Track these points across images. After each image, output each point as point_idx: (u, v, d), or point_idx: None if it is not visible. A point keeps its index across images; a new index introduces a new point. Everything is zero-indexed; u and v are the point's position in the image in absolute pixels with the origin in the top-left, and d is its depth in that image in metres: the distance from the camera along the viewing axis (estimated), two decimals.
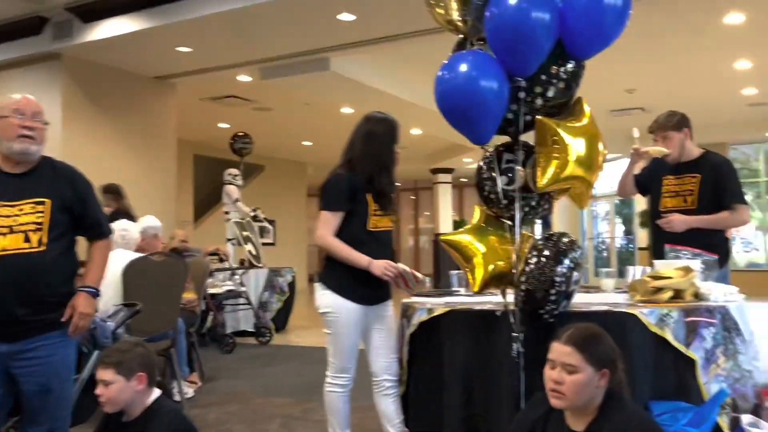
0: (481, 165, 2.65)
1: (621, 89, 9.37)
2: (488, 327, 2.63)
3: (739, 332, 2.61)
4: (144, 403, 2.29)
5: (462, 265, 2.63)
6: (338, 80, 7.94)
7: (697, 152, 3.64)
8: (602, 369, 1.89)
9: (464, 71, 2.40)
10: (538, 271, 2.33)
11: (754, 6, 6.37)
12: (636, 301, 2.67)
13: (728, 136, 12.27)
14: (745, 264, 14.09)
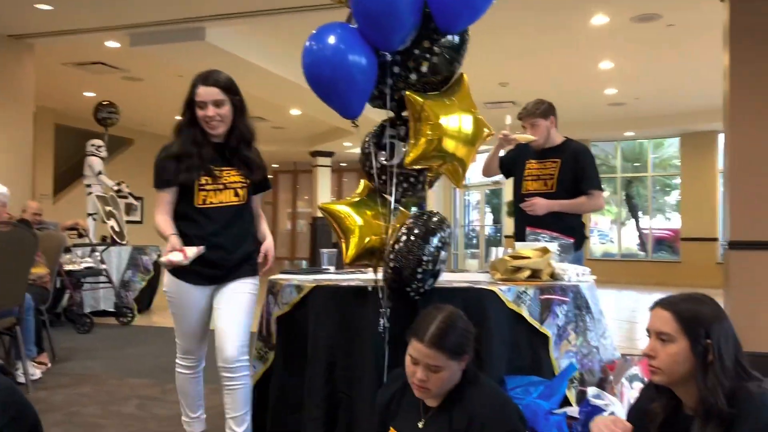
0: (366, 139, 2.62)
1: (495, 82, 9.70)
2: (355, 303, 2.61)
3: (589, 310, 2.76)
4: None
5: (338, 236, 2.59)
6: (214, 52, 7.64)
7: (559, 139, 3.81)
8: (462, 357, 1.93)
9: (329, 43, 2.35)
10: (407, 248, 2.34)
11: (617, 9, 6.77)
12: (496, 280, 2.75)
13: (590, 133, 13.04)
14: (601, 254, 15.13)
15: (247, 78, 8.94)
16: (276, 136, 14.91)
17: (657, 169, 15.20)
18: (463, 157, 2.45)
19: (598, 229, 16.22)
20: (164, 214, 2.72)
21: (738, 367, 1.59)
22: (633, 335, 7.03)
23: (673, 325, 1.62)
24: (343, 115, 2.46)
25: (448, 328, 1.93)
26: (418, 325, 1.96)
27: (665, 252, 15.07)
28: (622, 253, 14.92)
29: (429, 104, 2.39)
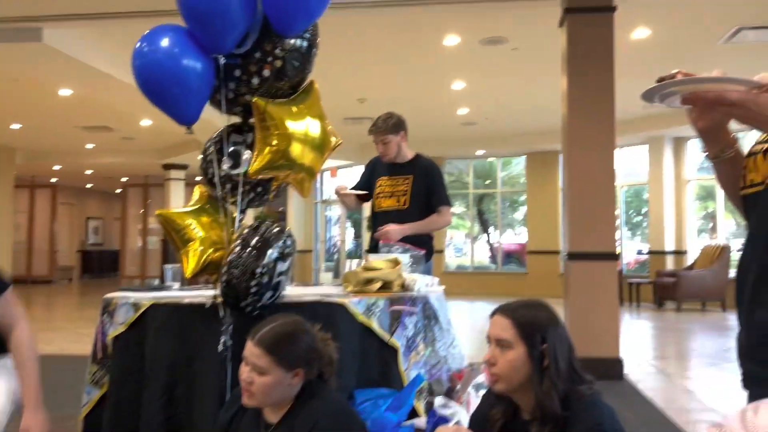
0: (208, 145, 2.49)
1: (353, 98, 9.80)
2: (196, 321, 2.48)
3: (438, 321, 2.79)
4: None
5: (177, 248, 2.44)
6: (53, 55, 7.08)
7: (410, 154, 3.87)
8: (295, 369, 1.84)
9: (160, 46, 2.25)
10: (240, 261, 2.23)
11: (468, 30, 7.06)
12: (348, 292, 2.72)
13: (444, 151, 13.52)
14: (455, 267, 15.67)
15: (92, 85, 8.43)
16: (125, 147, 14.15)
17: (506, 186, 16.04)
18: (310, 167, 2.41)
19: (453, 244, 16.82)
20: None
21: (572, 371, 1.65)
22: (485, 345, 7.28)
23: (511, 332, 1.65)
24: (178, 122, 2.34)
25: (283, 333, 1.85)
26: (256, 326, 1.88)
27: (514, 264, 15.90)
28: (474, 265, 15.55)
29: (275, 111, 2.32)
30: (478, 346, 7.13)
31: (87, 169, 17.29)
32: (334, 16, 6.12)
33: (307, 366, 1.87)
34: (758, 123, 1.10)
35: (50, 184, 19.39)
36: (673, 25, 6.85)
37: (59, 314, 10.88)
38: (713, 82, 1.08)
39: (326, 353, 1.95)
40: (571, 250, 5.41)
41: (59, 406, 2.85)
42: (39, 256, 18.99)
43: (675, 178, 12.02)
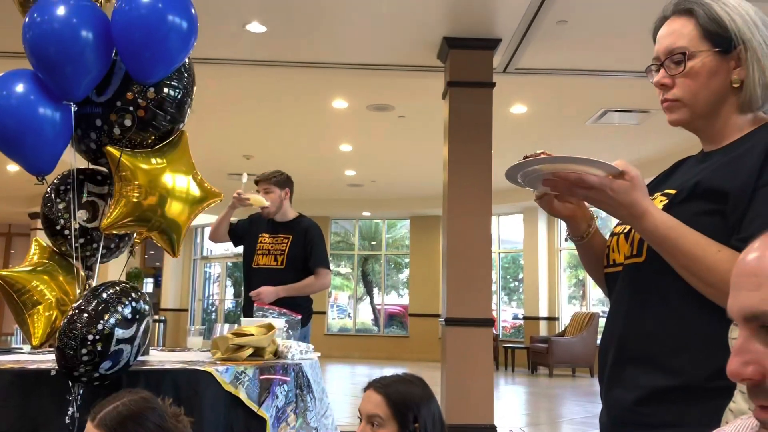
0: (49, 192, 2.31)
1: (239, 154, 9.66)
2: (41, 390, 2.23)
3: (311, 389, 2.69)
4: None
5: (20, 311, 2.20)
6: None
7: (292, 214, 3.82)
8: None
9: (13, 91, 2.12)
10: (69, 326, 2.02)
11: (355, 96, 7.19)
12: (216, 359, 2.57)
13: (331, 211, 13.56)
14: (338, 329, 15.51)
15: None
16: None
17: (390, 248, 16.23)
18: (174, 221, 2.27)
19: (336, 304, 16.69)
20: None
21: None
22: None
23: (384, 409, 1.61)
24: (31, 171, 2.17)
25: (126, 414, 1.69)
26: (98, 405, 1.70)
27: (396, 327, 15.95)
28: (357, 328, 15.46)
29: (132, 161, 2.19)
30: (356, 413, 6.98)
31: None
32: (223, 70, 6.09)
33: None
34: (612, 209, 1.13)
35: None
36: (547, 104, 7.31)
37: None
38: (574, 162, 1.11)
39: (178, 430, 1.80)
40: (449, 316, 5.48)
41: None
42: None
43: (548, 246, 12.63)
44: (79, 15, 2.11)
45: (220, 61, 5.96)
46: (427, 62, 5.98)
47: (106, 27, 2.16)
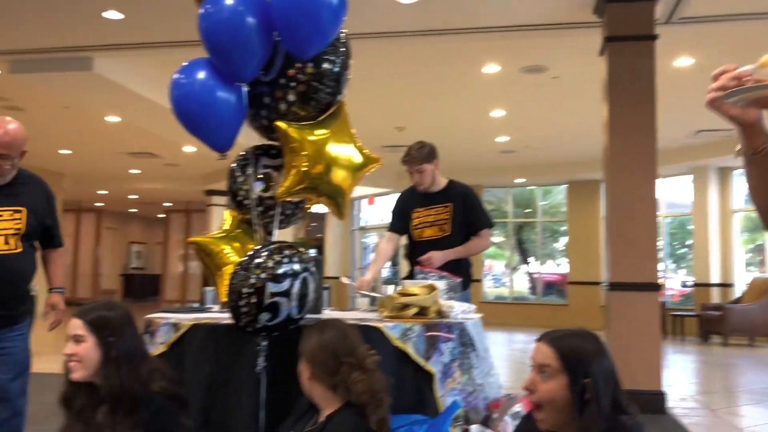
0: (234, 167, 2.54)
1: (392, 126, 9.86)
2: (233, 342, 2.49)
3: (475, 348, 2.75)
4: None
5: (212, 272, 2.47)
6: (102, 83, 7.33)
7: (444, 181, 3.86)
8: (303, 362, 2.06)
9: (196, 78, 2.36)
10: (231, 282, 2.26)
11: (507, 59, 7.07)
12: (383, 317, 2.70)
13: (483, 180, 13.47)
14: (494, 297, 15.49)
15: (138, 112, 8.66)
16: (169, 173, 14.45)
17: (546, 215, 15.86)
18: (340, 187, 2.42)
19: (491, 273, 16.66)
20: None
21: (615, 404, 1.60)
22: (522, 375, 7.16)
23: (554, 361, 1.62)
24: (213, 149, 2.41)
25: (317, 334, 2.06)
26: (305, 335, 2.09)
27: (554, 295, 15.64)
28: (513, 296, 15.35)
29: (298, 133, 2.35)
30: (516, 377, 7.01)
31: (131, 194, 17.71)
32: (374, 43, 6.24)
33: (315, 367, 2.04)
34: None
35: (95, 209, 19.90)
36: (717, 54, 6.75)
37: None
38: None
39: (356, 382, 2.01)
40: (613, 281, 5.31)
41: None
42: (83, 279, 19.42)
43: (720, 209, 11.74)
44: (245, 3, 2.29)
45: (373, 35, 6.11)
46: (583, 18, 5.75)
47: (268, 12, 2.33)
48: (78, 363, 2.02)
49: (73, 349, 2.02)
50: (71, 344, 2.03)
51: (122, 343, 2.02)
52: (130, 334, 2.07)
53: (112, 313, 2.08)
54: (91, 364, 2.01)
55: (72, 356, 2.02)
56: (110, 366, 1.99)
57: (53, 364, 6.99)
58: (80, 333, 2.02)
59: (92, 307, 2.11)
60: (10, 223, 2.85)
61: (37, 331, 3.26)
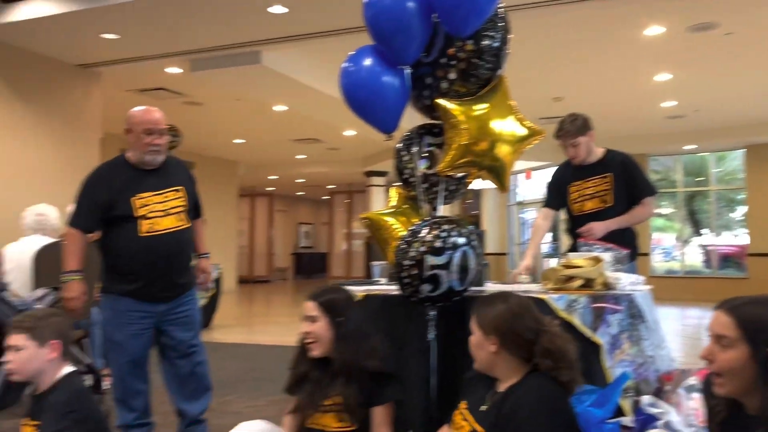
0: (399, 147, 2.68)
1: (549, 97, 9.64)
2: (403, 312, 2.64)
3: (644, 320, 2.70)
4: (53, 376, 2.20)
5: (382, 246, 2.64)
6: (270, 75, 7.86)
7: (600, 152, 3.76)
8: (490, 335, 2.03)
9: (362, 65, 2.50)
10: (395, 254, 2.40)
11: (672, 19, 6.66)
12: (548, 289, 2.73)
13: (648, 148, 12.78)
14: (664, 271, 14.69)
15: (302, 100, 9.17)
16: (331, 157, 15.14)
17: (720, 183, 14.72)
18: (501, 160, 2.48)
19: (660, 247, 15.78)
20: None
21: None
22: (695, 351, 6.80)
23: (732, 330, 1.55)
24: (380, 131, 2.57)
25: (493, 306, 2.06)
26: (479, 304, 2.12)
27: (731, 268, 14.52)
28: (685, 270, 14.47)
29: (457, 109, 2.44)
30: (688, 352, 6.65)
31: (298, 179, 18.77)
32: (529, 14, 6.14)
33: (504, 339, 2.02)
34: None
35: (267, 193, 21.31)
36: None
37: (277, 310, 11.93)
38: None
39: (544, 344, 2.03)
40: None
41: (279, 390, 3.20)
42: (259, 258, 20.95)
43: None
44: None
45: (529, 5, 6.02)
46: None
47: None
48: (315, 343, 2.27)
49: (308, 327, 2.27)
50: (306, 324, 2.28)
51: (349, 322, 2.27)
52: (354, 313, 2.32)
53: (339, 295, 2.34)
54: (325, 341, 2.27)
55: (308, 334, 2.27)
56: (342, 343, 2.24)
57: (235, 335, 7.70)
58: (314, 314, 2.27)
59: (323, 290, 2.36)
60: (177, 201, 3.17)
61: (223, 307, 3.71)
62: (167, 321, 3.16)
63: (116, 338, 3.10)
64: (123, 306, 3.06)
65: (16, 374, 2.17)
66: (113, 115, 10.13)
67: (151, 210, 3.06)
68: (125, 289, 3.05)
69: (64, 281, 3.00)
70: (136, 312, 3.09)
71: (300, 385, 2.36)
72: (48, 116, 7.36)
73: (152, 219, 3.06)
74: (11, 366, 2.15)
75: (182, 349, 3.23)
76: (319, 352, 2.29)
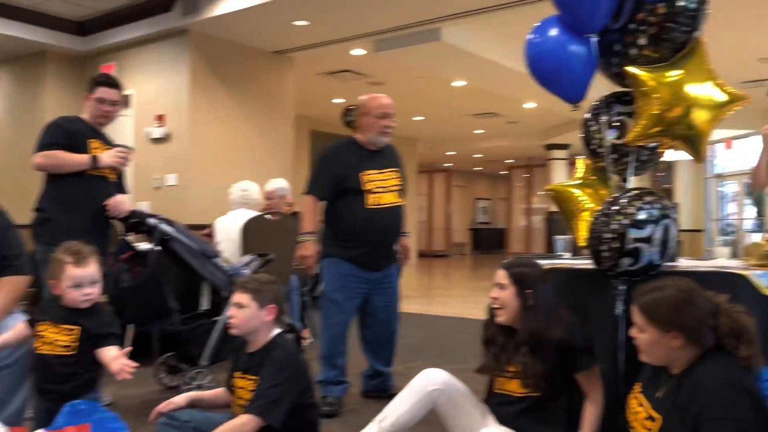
0: (587, 117, 2.63)
1: (753, 58, 8.75)
2: (589, 285, 2.62)
3: None
4: (266, 337, 2.46)
5: (567, 218, 2.63)
6: (450, 51, 7.93)
7: None
8: (671, 331, 1.86)
9: (547, 36, 2.50)
10: (592, 227, 2.36)
11: None
12: (749, 265, 2.56)
13: None
14: None
15: (482, 74, 9.16)
16: (510, 131, 14.95)
17: None
18: (698, 129, 2.34)
19: None
20: None
21: None
22: None
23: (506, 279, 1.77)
24: (567, 101, 2.54)
25: (662, 298, 1.90)
26: (643, 288, 1.99)
27: None
28: None
29: (648, 76, 2.33)
30: None
31: (476, 154, 18.76)
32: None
33: (690, 331, 1.86)
34: None
35: (445, 169, 21.55)
36: None
37: (456, 283, 12.13)
38: None
39: (725, 324, 1.89)
40: None
41: (463, 359, 3.33)
42: (437, 234, 21.32)
43: None
44: None
45: None
46: None
47: None
48: (501, 309, 2.37)
49: (496, 293, 2.37)
50: (496, 290, 2.38)
51: (538, 295, 2.33)
52: (544, 289, 2.37)
53: (531, 269, 2.40)
54: (511, 310, 2.35)
55: (495, 300, 2.38)
56: (528, 314, 2.32)
57: (415, 306, 7.96)
58: (503, 282, 2.37)
59: (516, 262, 2.46)
60: (395, 180, 3.54)
61: (403, 279, 3.93)
62: (376, 289, 3.54)
63: (337, 298, 3.48)
64: (345, 270, 3.45)
65: (236, 329, 2.45)
66: (303, 97, 10.83)
67: (376, 186, 3.44)
68: (349, 255, 3.44)
69: (301, 241, 3.45)
70: (355, 277, 3.47)
71: (488, 346, 2.47)
72: (247, 101, 8.03)
73: (377, 194, 3.44)
74: (233, 321, 2.43)
75: (383, 317, 3.58)
76: (503, 319, 2.38)
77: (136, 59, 7.72)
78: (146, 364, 4.18)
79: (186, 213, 6.70)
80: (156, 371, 3.94)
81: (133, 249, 3.58)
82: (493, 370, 2.43)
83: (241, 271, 3.75)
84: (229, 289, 3.47)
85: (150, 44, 7.63)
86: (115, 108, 3.62)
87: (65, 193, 3.44)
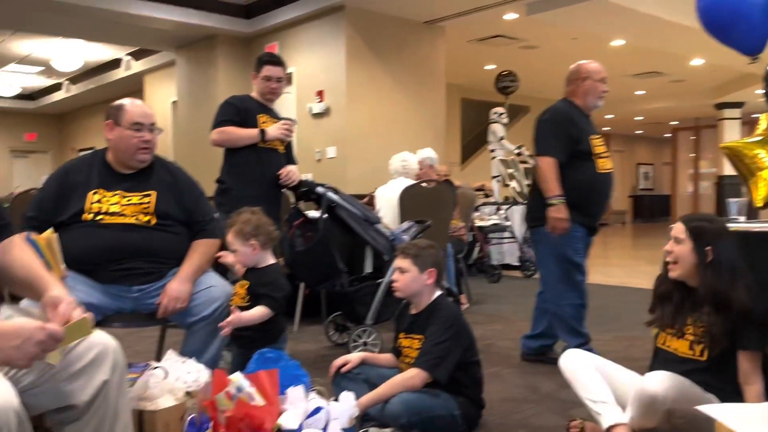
0: None
1: None
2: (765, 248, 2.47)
3: None
4: (429, 299, 2.59)
5: (745, 177, 2.49)
6: (608, 9, 7.57)
7: None
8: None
9: None
10: None
11: None
12: None
13: None
14: None
15: (643, 31, 8.65)
16: (675, 90, 14.01)
17: None
18: None
19: None
20: None
21: None
22: None
23: None
24: (743, 53, 2.39)
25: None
26: None
27: None
28: None
29: None
30: None
31: (636, 116, 17.78)
32: None
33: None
34: None
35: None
36: None
37: (616, 252, 11.68)
38: None
39: None
40: None
41: (620, 328, 3.25)
42: None
43: None
44: None
45: None
46: None
47: None
48: (675, 264, 2.28)
49: (672, 247, 2.30)
50: (671, 243, 2.30)
51: (716, 252, 2.21)
52: (724, 246, 2.24)
53: (711, 225, 2.30)
54: (686, 265, 2.25)
55: (669, 253, 2.30)
56: (707, 271, 2.21)
57: None
58: (680, 236, 2.28)
59: (696, 216, 2.39)
60: (604, 147, 3.67)
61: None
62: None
63: (577, 260, 3.52)
64: (579, 233, 3.48)
65: (399, 292, 2.60)
66: (454, 65, 10.83)
67: (597, 152, 3.52)
68: (581, 220, 3.46)
69: (552, 204, 3.39)
70: (584, 241, 3.54)
71: (661, 301, 2.38)
72: (400, 73, 8.18)
73: (604, 158, 3.54)
74: (397, 284, 2.58)
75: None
76: (676, 274, 2.28)
77: (296, 38, 8.12)
78: (317, 322, 4.52)
79: (346, 183, 7.02)
80: (326, 329, 4.23)
81: (304, 216, 3.85)
82: (665, 326, 2.35)
83: (400, 236, 3.91)
84: (391, 253, 3.64)
85: (308, 23, 7.99)
86: (281, 84, 3.86)
87: (241, 165, 3.75)
